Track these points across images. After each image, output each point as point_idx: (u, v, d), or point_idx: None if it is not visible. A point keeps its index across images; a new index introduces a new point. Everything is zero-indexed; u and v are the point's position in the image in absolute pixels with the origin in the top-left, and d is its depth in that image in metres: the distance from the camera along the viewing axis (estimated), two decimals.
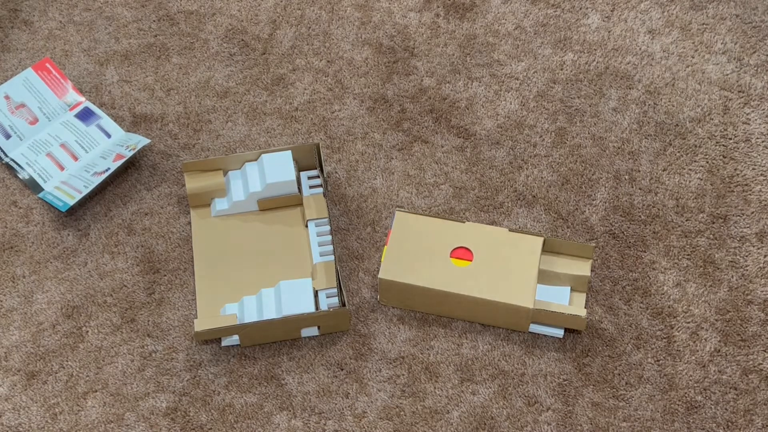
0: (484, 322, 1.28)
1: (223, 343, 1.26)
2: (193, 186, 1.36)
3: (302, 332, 1.27)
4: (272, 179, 1.34)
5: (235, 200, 1.37)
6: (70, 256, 1.36)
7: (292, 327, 1.25)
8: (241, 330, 1.24)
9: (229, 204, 1.37)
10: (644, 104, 1.48)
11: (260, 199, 1.37)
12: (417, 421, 1.21)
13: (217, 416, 1.22)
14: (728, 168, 1.41)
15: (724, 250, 1.34)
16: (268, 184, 1.34)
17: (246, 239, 1.36)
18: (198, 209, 1.38)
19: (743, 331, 1.27)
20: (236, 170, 1.39)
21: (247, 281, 1.31)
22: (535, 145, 1.44)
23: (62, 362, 1.27)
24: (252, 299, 1.28)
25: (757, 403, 1.21)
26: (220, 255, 1.34)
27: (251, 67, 1.54)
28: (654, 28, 1.56)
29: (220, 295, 1.30)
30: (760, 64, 1.51)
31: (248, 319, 1.26)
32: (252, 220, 1.38)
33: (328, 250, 1.32)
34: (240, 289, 1.30)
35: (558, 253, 1.29)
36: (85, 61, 1.56)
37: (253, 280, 1.31)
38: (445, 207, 1.39)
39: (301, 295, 1.26)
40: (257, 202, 1.37)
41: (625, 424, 1.20)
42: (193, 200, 1.38)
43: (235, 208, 1.38)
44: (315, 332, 1.28)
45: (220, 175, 1.38)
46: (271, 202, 1.37)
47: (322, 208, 1.36)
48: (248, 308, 1.27)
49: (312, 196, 1.37)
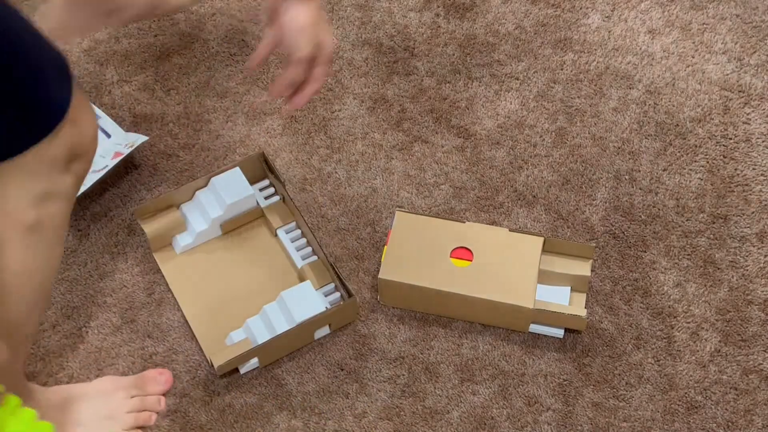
0: (484, 322, 1.28)
1: (243, 371, 1.24)
2: (153, 229, 1.32)
3: (315, 334, 1.26)
4: (231, 199, 1.32)
5: (198, 231, 1.33)
6: (70, 256, 1.36)
7: (307, 332, 1.25)
8: (261, 351, 1.22)
9: (192, 237, 1.34)
10: (644, 104, 1.48)
11: (223, 223, 1.34)
12: (417, 421, 1.21)
13: (217, 416, 1.22)
14: (728, 168, 1.41)
15: (725, 250, 1.34)
16: (228, 205, 1.32)
17: (222, 266, 1.34)
18: (160, 252, 1.35)
19: (743, 331, 1.27)
20: (188, 202, 1.36)
21: (240, 306, 1.29)
22: (535, 145, 1.44)
23: (62, 363, 1.27)
24: (257, 319, 1.25)
25: (757, 403, 1.21)
26: (202, 289, 1.32)
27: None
28: (654, 28, 1.56)
29: (218, 327, 1.27)
30: (760, 64, 1.51)
31: (260, 338, 1.23)
32: (219, 246, 1.35)
33: (308, 252, 1.32)
34: (236, 315, 1.28)
35: (558, 253, 1.29)
36: (85, 61, 1.56)
37: (245, 303, 1.29)
38: (445, 207, 1.39)
39: (308, 299, 1.24)
40: (220, 227, 1.35)
41: (625, 424, 1.20)
42: (156, 243, 1.34)
43: (199, 238, 1.34)
44: (327, 331, 1.27)
45: (174, 211, 1.35)
46: (234, 223, 1.35)
47: (285, 214, 1.35)
48: (257, 328, 1.24)
49: (271, 205, 1.36)
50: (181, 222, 1.34)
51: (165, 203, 1.34)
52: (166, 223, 1.33)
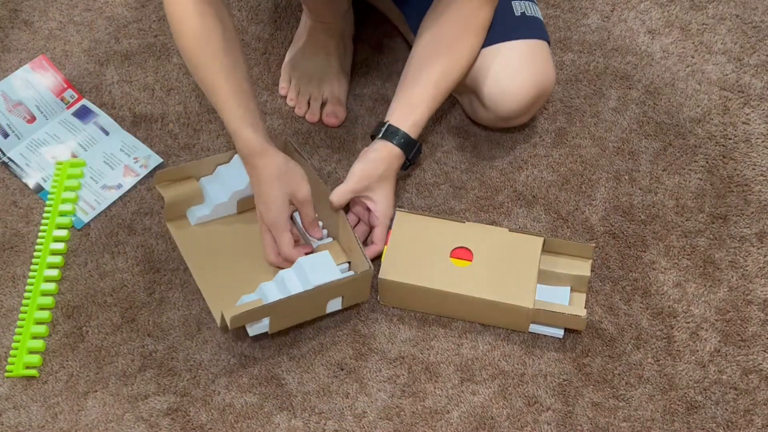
0: (484, 322, 1.28)
1: (251, 333, 1.23)
2: (171, 196, 1.32)
3: (327, 306, 1.24)
4: None
5: (216, 203, 1.34)
6: (70, 256, 1.36)
7: (320, 301, 1.23)
8: (272, 311, 1.20)
9: (209, 209, 1.34)
10: (644, 104, 1.48)
11: (241, 199, 1.35)
12: (417, 421, 1.21)
13: (217, 416, 1.22)
14: (728, 168, 1.41)
15: (724, 250, 1.34)
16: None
17: (236, 239, 1.34)
18: (174, 222, 1.35)
19: (743, 331, 1.27)
20: (208, 176, 1.36)
21: (253, 276, 1.28)
22: (535, 145, 1.44)
23: (62, 362, 1.27)
24: (271, 284, 1.24)
25: (757, 403, 1.21)
26: (216, 259, 1.32)
27: (251, 67, 1.54)
28: (654, 28, 1.56)
29: (230, 294, 1.26)
30: (760, 64, 1.51)
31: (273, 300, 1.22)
32: (234, 222, 1.36)
33: (323, 234, 1.31)
34: (249, 283, 1.27)
35: (558, 253, 1.29)
36: (85, 61, 1.56)
37: (259, 274, 1.28)
38: (445, 207, 1.39)
39: (325, 266, 1.23)
40: (237, 204, 1.35)
41: (625, 424, 1.20)
42: (170, 212, 1.34)
43: (216, 212, 1.35)
44: (338, 306, 1.25)
45: (194, 182, 1.35)
46: (252, 201, 1.33)
47: None
48: (270, 291, 1.23)
49: None
50: (199, 193, 1.34)
51: (185, 173, 1.34)
52: (185, 192, 1.33)
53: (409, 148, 1.30)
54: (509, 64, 1.32)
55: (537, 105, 1.36)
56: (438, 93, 1.30)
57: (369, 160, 1.29)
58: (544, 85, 1.34)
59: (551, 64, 1.35)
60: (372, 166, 1.28)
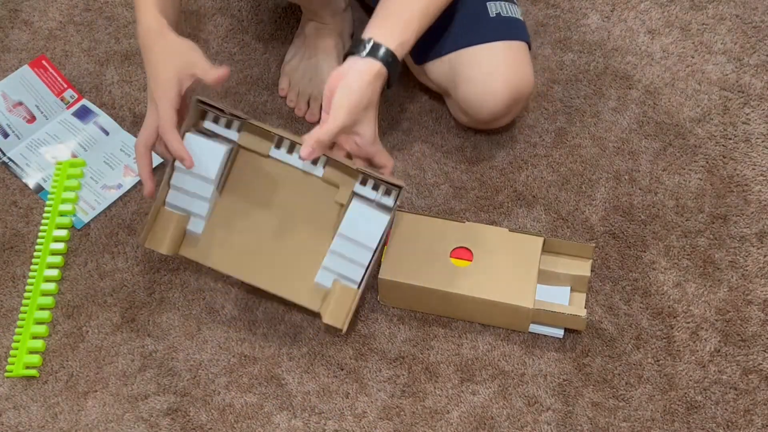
0: (484, 322, 1.28)
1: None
2: (168, 247, 1.21)
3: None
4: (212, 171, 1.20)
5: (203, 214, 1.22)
6: (71, 256, 1.36)
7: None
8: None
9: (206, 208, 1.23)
10: (644, 104, 1.48)
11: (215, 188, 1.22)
12: (417, 421, 1.21)
13: (217, 416, 1.22)
14: (728, 168, 1.41)
15: (724, 250, 1.34)
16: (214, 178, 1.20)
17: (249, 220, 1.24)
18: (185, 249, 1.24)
19: (743, 331, 1.27)
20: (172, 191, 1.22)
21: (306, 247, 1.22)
22: (535, 145, 1.44)
23: (62, 362, 1.27)
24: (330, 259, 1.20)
25: (757, 403, 1.21)
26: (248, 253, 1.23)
27: (251, 67, 1.54)
28: (654, 28, 1.56)
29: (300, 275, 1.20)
30: (760, 64, 1.51)
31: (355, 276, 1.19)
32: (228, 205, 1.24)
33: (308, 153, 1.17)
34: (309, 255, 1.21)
35: (558, 253, 1.29)
36: (85, 61, 1.56)
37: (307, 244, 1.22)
38: (445, 207, 1.39)
39: (366, 218, 1.16)
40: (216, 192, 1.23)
41: (625, 424, 1.20)
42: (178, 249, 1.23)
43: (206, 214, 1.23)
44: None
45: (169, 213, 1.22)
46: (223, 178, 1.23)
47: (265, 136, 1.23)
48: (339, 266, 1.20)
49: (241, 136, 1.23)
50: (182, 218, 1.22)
51: (154, 213, 1.22)
52: (172, 231, 1.22)
53: (394, 71, 1.15)
54: (483, 68, 1.29)
55: (516, 108, 1.34)
56: (432, 4, 1.17)
57: (354, 88, 1.12)
58: (520, 88, 1.30)
59: (529, 66, 1.32)
60: (359, 95, 1.12)
